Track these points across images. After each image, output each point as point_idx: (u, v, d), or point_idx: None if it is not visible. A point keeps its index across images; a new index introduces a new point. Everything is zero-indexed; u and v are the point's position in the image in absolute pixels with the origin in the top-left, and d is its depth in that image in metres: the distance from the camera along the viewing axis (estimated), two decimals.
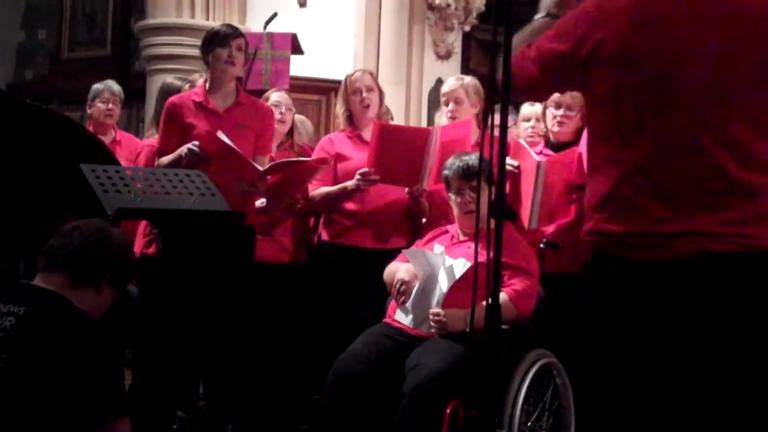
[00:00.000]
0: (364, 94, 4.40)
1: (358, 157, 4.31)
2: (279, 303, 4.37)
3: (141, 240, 4.25)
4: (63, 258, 2.53)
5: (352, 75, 4.50)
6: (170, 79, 5.18)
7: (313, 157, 4.48)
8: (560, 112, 4.17)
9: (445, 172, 3.80)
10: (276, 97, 4.60)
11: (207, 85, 4.16)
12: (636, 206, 2.15)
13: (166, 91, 4.70)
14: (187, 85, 4.64)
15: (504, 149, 2.27)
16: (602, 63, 2.17)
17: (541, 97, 2.80)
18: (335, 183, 4.37)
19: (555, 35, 2.27)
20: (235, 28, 4.23)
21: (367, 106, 4.40)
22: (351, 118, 4.46)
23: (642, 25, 2.14)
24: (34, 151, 3.88)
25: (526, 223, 3.93)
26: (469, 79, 4.50)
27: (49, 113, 4.24)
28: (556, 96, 4.16)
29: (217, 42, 4.08)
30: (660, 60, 2.12)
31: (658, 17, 2.13)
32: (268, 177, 4.05)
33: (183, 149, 3.92)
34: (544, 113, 4.28)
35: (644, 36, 2.13)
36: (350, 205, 4.33)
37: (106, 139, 5.19)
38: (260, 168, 3.98)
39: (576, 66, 2.22)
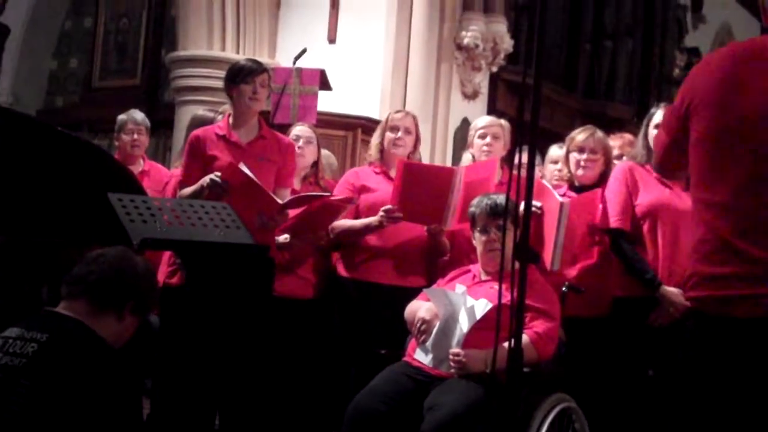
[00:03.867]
0: (400, 134, 4.43)
1: (383, 191, 4.33)
2: (301, 338, 4.36)
3: (164, 269, 4.26)
4: (85, 285, 2.55)
5: (396, 113, 4.56)
6: (201, 111, 5.20)
7: (338, 188, 4.50)
8: (584, 156, 4.18)
9: (472, 209, 3.80)
10: (297, 130, 4.65)
11: (231, 119, 4.19)
12: (730, 246, 2.19)
13: (198, 123, 4.71)
14: (220, 117, 4.66)
15: (531, 190, 2.27)
16: (696, 111, 2.32)
17: (674, 166, 2.81)
18: (357, 215, 4.38)
19: (676, 101, 2.47)
20: (259, 64, 4.26)
21: (399, 147, 4.43)
22: (382, 153, 4.48)
23: (731, 74, 2.28)
24: (61, 178, 3.91)
25: (548, 265, 3.91)
26: (505, 122, 4.58)
27: (78, 141, 4.26)
28: (579, 140, 4.18)
29: (241, 78, 4.11)
30: (741, 107, 2.23)
31: (747, 67, 2.27)
32: (289, 211, 4.06)
33: (205, 180, 3.94)
34: (567, 157, 4.28)
35: (733, 81, 2.26)
36: (370, 241, 4.33)
37: (135, 169, 5.22)
38: (280, 201, 3.99)
39: (681, 119, 2.39)
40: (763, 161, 2.19)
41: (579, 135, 4.22)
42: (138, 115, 5.58)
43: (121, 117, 5.56)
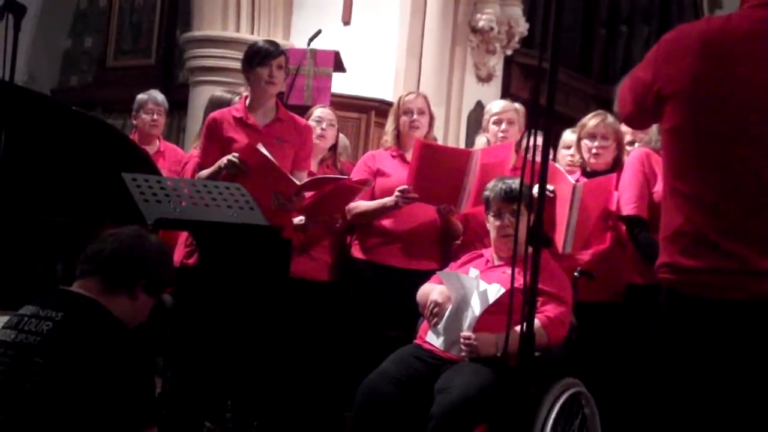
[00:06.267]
0: (415, 116, 4.43)
1: (398, 176, 4.33)
2: (316, 319, 4.37)
3: (182, 250, 4.25)
4: (97, 264, 2.56)
5: (407, 95, 4.55)
6: (219, 92, 5.19)
7: (354, 171, 4.50)
8: (596, 143, 4.14)
9: (486, 193, 3.80)
10: (319, 112, 4.64)
11: (247, 101, 4.19)
12: (709, 242, 2.14)
13: (216, 104, 4.70)
14: (237, 98, 4.65)
15: (545, 175, 2.27)
16: (673, 98, 2.20)
17: (641, 126, 2.82)
18: (372, 198, 4.39)
19: (643, 63, 2.32)
20: (276, 46, 4.24)
21: (416, 128, 4.43)
22: (398, 137, 4.48)
23: (712, 63, 2.16)
24: (76, 158, 3.93)
25: (560, 247, 3.91)
26: (519, 105, 4.55)
27: (92, 120, 4.29)
28: (590, 126, 4.15)
29: (258, 61, 4.09)
30: (730, 97, 2.13)
31: (727, 55, 2.15)
32: (305, 193, 4.07)
33: (223, 160, 3.94)
34: (578, 144, 4.25)
35: (715, 73, 2.15)
36: (384, 223, 4.34)
37: (151, 149, 5.23)
38: (298, 183, 4.00)
39: (653, 96, 2.26)
40: (750, 161, 2.10)
41: (590, 121, 4.19)
42: (159, 95, 5.60)
43: (141, 96, 5.57)
